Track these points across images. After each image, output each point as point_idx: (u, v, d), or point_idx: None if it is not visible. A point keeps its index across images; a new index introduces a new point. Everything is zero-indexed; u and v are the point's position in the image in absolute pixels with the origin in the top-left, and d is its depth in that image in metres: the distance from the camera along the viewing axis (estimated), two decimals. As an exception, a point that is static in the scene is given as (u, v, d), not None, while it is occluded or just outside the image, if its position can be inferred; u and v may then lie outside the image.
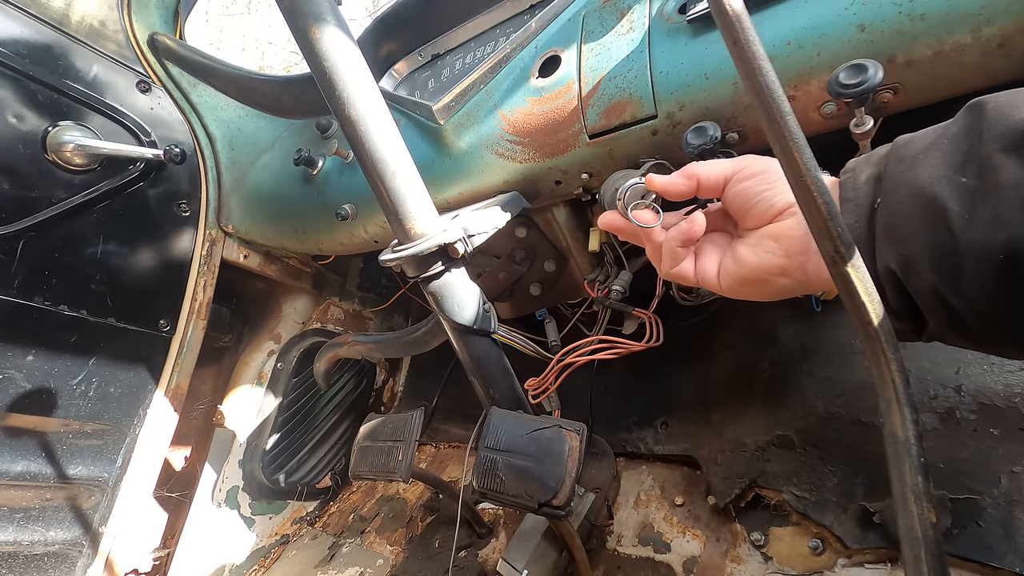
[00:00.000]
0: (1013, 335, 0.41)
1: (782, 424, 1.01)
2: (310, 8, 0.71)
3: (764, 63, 0.42)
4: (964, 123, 0.42)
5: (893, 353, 0.45)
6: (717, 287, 0.59)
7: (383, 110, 0.77)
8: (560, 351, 1.11)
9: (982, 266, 0.38)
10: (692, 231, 0.58)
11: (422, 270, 0.86)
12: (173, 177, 1.34)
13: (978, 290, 0.39)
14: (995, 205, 0.37)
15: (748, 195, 0.55)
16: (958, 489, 0.79)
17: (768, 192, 0.54)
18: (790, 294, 0.55)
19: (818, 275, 0.51)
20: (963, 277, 0.40)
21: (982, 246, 0.38)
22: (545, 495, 0.78)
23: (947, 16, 0.62)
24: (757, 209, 0.54)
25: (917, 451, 0.44)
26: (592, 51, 0.89)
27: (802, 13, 0.71)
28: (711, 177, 0.58)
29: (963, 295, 0.41)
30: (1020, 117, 0.38)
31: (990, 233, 0.38)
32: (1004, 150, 0.38)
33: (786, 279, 0.53)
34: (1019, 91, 0.41)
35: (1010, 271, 0.37)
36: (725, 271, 0.58)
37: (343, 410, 1.77)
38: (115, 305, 1.23)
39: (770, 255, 0.53)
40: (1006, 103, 0.40)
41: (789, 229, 0.52)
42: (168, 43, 1.31)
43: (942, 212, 0.41)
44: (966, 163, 0.40)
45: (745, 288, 0.57)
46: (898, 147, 0.47)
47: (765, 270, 0.54)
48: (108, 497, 1.25)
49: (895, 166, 0.46)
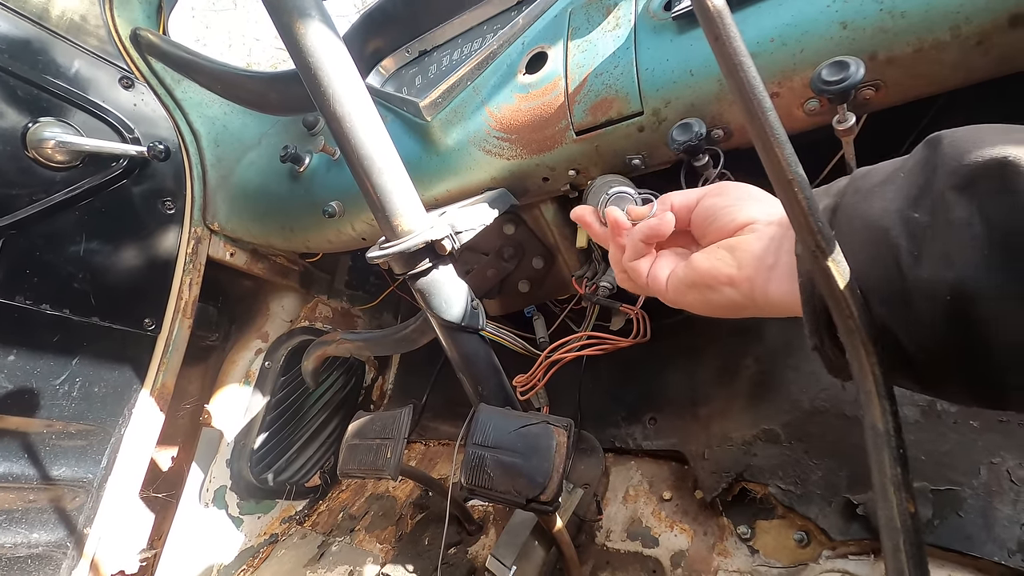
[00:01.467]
0: (959, 377, 0.40)
1: (768, 418, 1.02)
2: (294, 3, 0.71)
3: (745, 59, 0.42)
4: (921, 158, 0.42)
5: (873, 346, 0.45)
6: (663, 291, 0.59)
7: (369, 107, 0.76)
8: (548, 347, 1.11)
9: (929, 304, 0.37)
10: (660, 227, 0.59)
11: (409, 267, 0.85)
12: (157, 174, 1.32)
13: (926, 328, 0.38)
14: (944, 243, 0.37)
15: (713, 209, 0.55)
16: (939, 480, 0.80)
17: (732, 207, 0.54)
18: (735, 311, 0.54)
19: (764, 292, 0.50)
20: (911, 315, 0.39)
21: (930, 284, 0.37)
22: (533, 491, 0.78)
23: (927, 14, 0.63)
24: (719, 223, 0.54)
25: (896, 442, 0.44)
26: (579, 48, 0.89)
27: (785, 10, 0.71)
28: (684, 202, 0.59)
29: (911, 333, 0.40)
30: (974, 155, 0.37)
31: (938, 272, 0.37)
32: (955, 188, 0.37)
33: (732, 290, 0.52)
34: (977, 128, 0.40)
35: (957, 311, 0.36)
36: (675, 275, 0.57)
37: (332, 408, 1.76)
38: (99, 304, 1.22)
39: (721, 263, 0.53)
40: (963, 139, 0.39)
41: (746, 243, 0.52)
42: (151, 39, 1.29)
43: (892, 247, 0.40)
44: (920, 198, 0.39)
45: (691, 293, 0.56)
46: (856, 179, 0.47)
47: (713, 276, 0.53)
48: (93, 498, 1.24)
49: (851, 197, 0.45)
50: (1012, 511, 0.75)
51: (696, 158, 0.80)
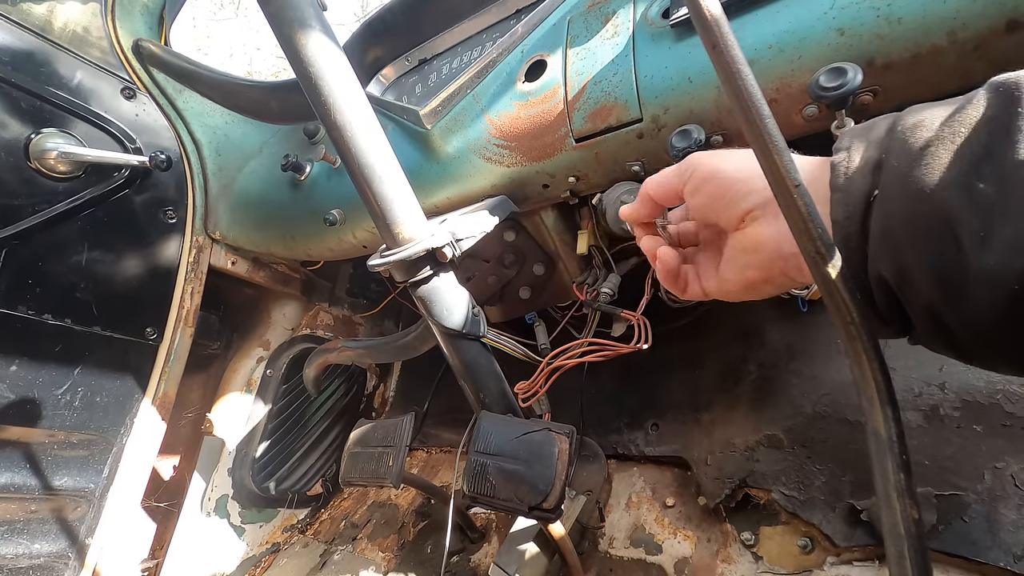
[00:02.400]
0: (1007, 356, 0.37)
1: (770, 424, 1.02)
2: (295, 15, 0.71)
3: (743, 67, 0.42)
4: (987, 110, 0.35)
5: (875, 352, 0.45)
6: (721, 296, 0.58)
7: (370, 115, 0.77)
8: (550, 354, 1.11)
9: (992, 293, 0.33)
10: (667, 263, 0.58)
11: (410, 275, 0.86)
12: (159, 184, 1.33)
13: (982, 314, 0.35)
14: (1017, 227, 0.31)
15: (707, 207, 0.53)
16: (943, 486, 0.80)
17: (723, 200, 0.51)
18: (786, 288, 0.54)
19: (800, 273, 0.49)
20: (967, 299, 0.35)
21: (995, 272, 0.33)
22: (535, 498, 0.78)
23: (924, 20, 0.63)
24: (724, 217, 0.52)
25: (899, 448, 0.44)
26: (577, 55, 0.90)
27: (783, 17, 0.72)
28: (662, 190, 0.57)
29: (963, 316, 0.36)
30: None
31: (1007, 259, 0.32)
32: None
33: (771, 286, 0.52)
34: None
35: (1021, 303, 0.32)
36: (718, 289, 0.56)
37: (333, 416, 1.76)
38: (101, 313, 1.22)
39: (748, 269, 0.51)
40: None
41: (759, 237, 0.49)
42: (153, 49, 1.30)
43: (951, 224, 0.35)
44: (984, 165, 0.34)
45: (739, 295, 0.55)
46: (904, 130, 0.40)
47: (750, 282, 0.52)
48: (94, 508, 1.23)
49: (899, 157, 0.39)
50: (1017, 516, 0.74)
51: (695, 164, 0.80)
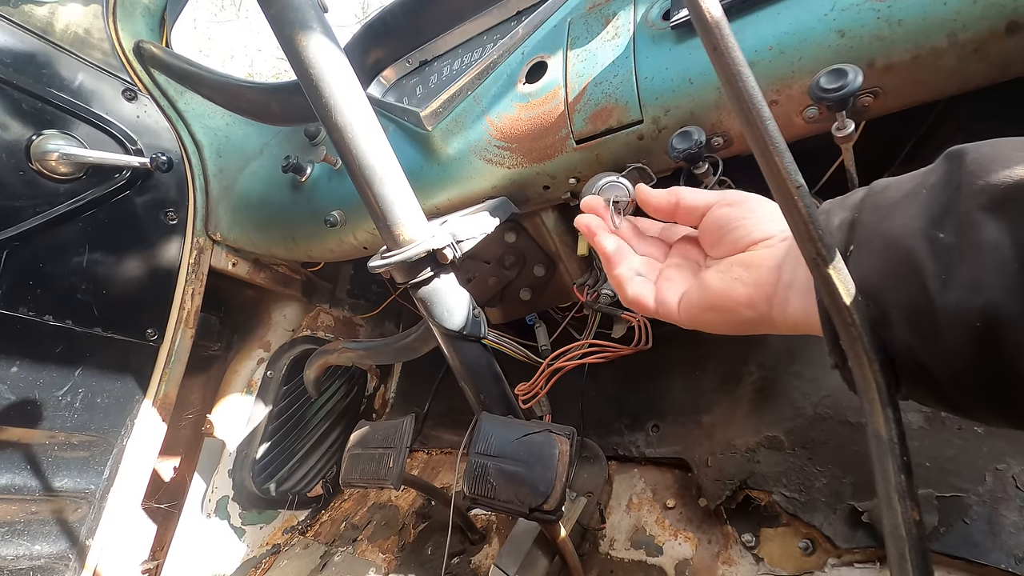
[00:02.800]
0: (988, 403, 0.39)
1: (771, 425, 1.02)
2: (296, 16, 0.72)
3: (743, 68, 0.42)
4: (943, 173, 0.40)
5: (876, 353, 0.45)
6: (676, 315, 0.57)
7: (370, 117, 0.77)
8: (550, 356, 1.11)
9: (958, 331, 0.36)
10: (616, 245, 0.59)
11: (411, 276, 0.86)
12: (160, 185, 1.33)
13: (953, 354, 0.37)
14: (973, 267, 0.35)
15: (727, 220, 0.54)
16: (944, 487, 0.80)
17: (748, 220, 0.52)
18: (752, 329, 0.53)
19: (782, 310, 0.49)
20: (939, 340, 0.38)
21: (958, 310, 0.36)
22: (536, 500, 0.78)
23: (924, 21, 0.63)
24: (733, 236, 0.53)
25: (900, 450, 0.44)
26: (578, 57, 0.90)
27: (783, 19, 0.72)
28: (694, 201, 0.57)
29: (939, 358, 0.38)
30: (1003, 175, 0.36)
31: (967, 297, 0.35)
32: (984, 208, 0.36)
33: (750, 311, 0.51)
34: (1000, 143, 0.39)
35: (986, 338, 0.35)
36: (688, 297, 0.55)
37: (334, 417, 1.76)
38: (101, 315, 1.22)
39: (738, 282, 0.51)
40: (988, 156, 0.37)
41: (761, 258, 0.50)
42: (154, 51, 1.30)
43: (918, 269, 0.38)
44: (944, 217, 0.38)
45: (707, 315, 0.54)
46: (874, 193, 0.45)
47: (731, 298, 0.51)
48: (95, 509, 1.23)
49: (870, 214, 0.44)
50: (1018, 518, 0.74)
51: (696, 166, 0.80)
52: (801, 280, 0.47)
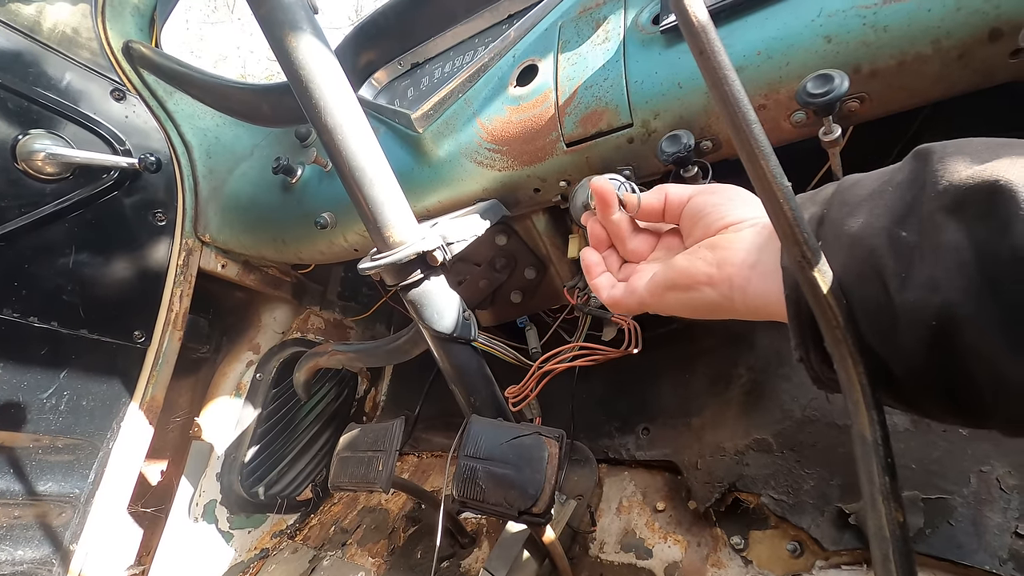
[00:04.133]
0: (940, 400, 0.39)
1: (760, 428, 1.03)
2: (287, 17, 0.71)
3: (730, 73, 0.42)
4: (909, 171, 0.40)
5: (860, 356, 0.45)
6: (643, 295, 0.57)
7: (361, 119, 0.77)
8: (540, 358, 1.11)
9: (914, 327, 0.37)
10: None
11: (401, 278, 0.85)
12: (148, 186, 1.32)
13: (911, 351, 0.38)
14: (932, 266, 0.36)
15: (702, 206, 0.54)
16: (930, 489, 0.80)
17: (722, 206, 0.53)
18: (714, 311, 0.53)
19: (743, 292, 0.49)
20: (897, 337, 0.38)
21: (915, 308, 0.36)
22: (525, 503, 0.77)
23: (909, 28, 0.64)
24: (706, 220, 0.53)
25: (884, 452, 0.44)
26: (569, 60, 0.90)
27: (771, 24, 0.72)
28: (679, 196, 0.57)
29: (896, 355, 0.39)
30: (965, 175, 0.36)
31: (925, 296, 0.36)
32: (945, 209, 0.36)
33: (712, 290, 0.51)
34: (966, 143, 0.39)
35: (942, 337, 0.36)
36: (654, 279, 0.56)
37: (324, 420, 1.75)
38: (88, 317, 1.20)
39: (701, 261, 0.52)
40: (952, 156, 0.38)
41: (727, 240, 0.51)
42: (143, 51, 1.29)
43: (879, 266, 0.39)
44: (907, 216, 0.38)
45: (669, 294, 0.55)
46: (843, 189, 0.45)
47: (692, 275, 0.52)
48: (80, 514, 1.22)
49: (837, 210, 0.44)
50: (1003, 519, 0.75)
51: (685, 169, 0.81)
52: (765, 263, 0.48)
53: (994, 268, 0.34)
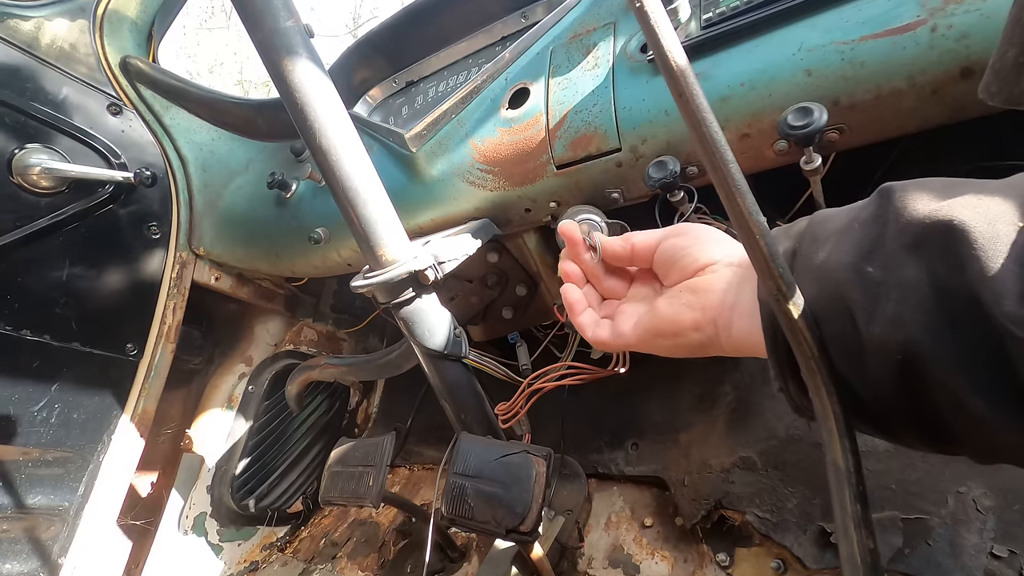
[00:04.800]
0: (911, 428, 0.41)
1: (745, 445, 1.04)
2: (283, 42, 0.73)
3: (707, 115, 0.44)
4: (874, 208, 0.42)
5: (834, 386, 0.47)
6: (631, 342, 0.58)
7: (355, 141, 0.78)
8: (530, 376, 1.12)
9: (882, 361, 0.38)
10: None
11: (393, 296, 0.87)
12: (143, 199, 1.33)
13: (879, 382, 0.39)
14: (897, 303, 0.37)
15: (675, 250, 0.56)
16: (909, 509, 0.82)
17: (694, 248, 0.55)
18: (702, 351, 0.55)
19: (728, 332, 0.51)
20: (866, 369, 0.40)
21: (881, 342, 0.38)
22: (513, 521, 0.79)
23: (885, 64, 0.66)
24: (681, 263, 0.55)
25: (856, 480, 0.46)
26: (559, 85, 0.92)
27: (754, 56, 0.75)
28: (645, 243, 0.59)
29: (866, 385, 0.41)
30: (923, 213, 0.37)
31: (890, 331, 0.37)
32: (905, 247, 0.38)
33: (698, 334, 0.53)
34: (927, 182, 0.41)
35: (907, 370, 0.37)
36: (639, 323, 0.57)
37: (316, 433, 1.75)
38: (80, 329, 1.21)
39: (685, 307, 0.53)
40: (914, 195, 0.39)
41: (707, 283, 0.52)
42: (141, 66, 1.31)
43: (846, 301, 0.40)
44: (873, 253, 0.40)
45: (658, 340, 0.56)
46: (814, 224, 0.47)
47: (678, 322, 0.53)
48: (69, 527, 1.22)
49: (808, 246, 0.46)
50: (979, 540, 0.77)
51: (672, 193, 0.83)
52: (744, 303, 0.49)
53: (951, 305, 0.35)
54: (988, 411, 0.34)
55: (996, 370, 0.33)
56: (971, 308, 0.34)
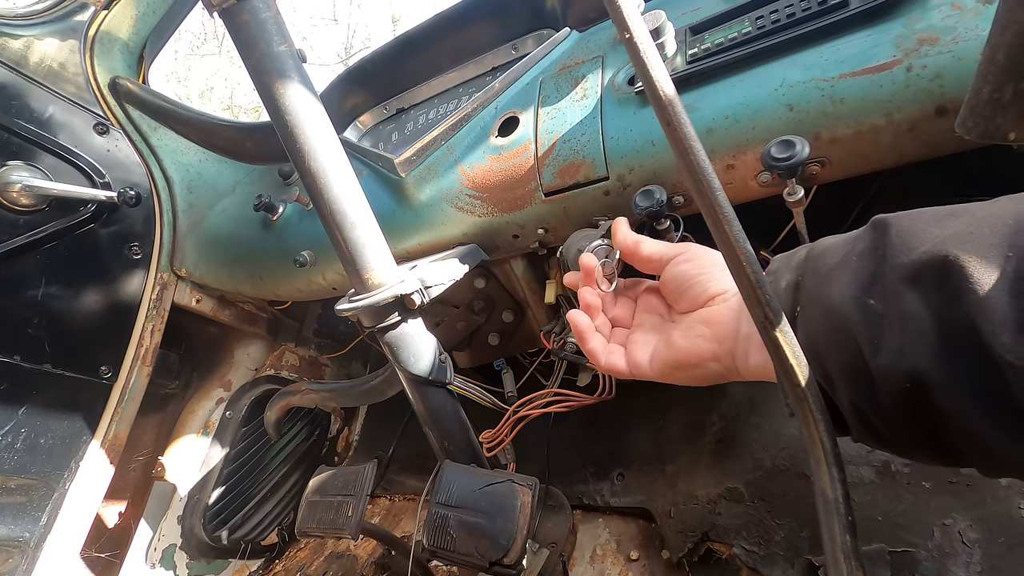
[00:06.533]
0: (924, 450, 0.43)
1: (732, 477, 1.03)
2: (275, 66, 0.73)
3: (695, 144, 0.45)
4: (870, 241, 0.44)
5: (821, 414, 0.47)
6: (648, 374, 0.60)
7: (344, 165, 0.78)
8: (516, 403, 1.11)
9: (891, 389, 0.40)
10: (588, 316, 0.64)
11: (378, 320, 0.86)
12: (126, 219, 1.31)
13: (891, 409, 0.41)
14: (900, 335, 0.39)
15: (684, 277, 0.58)
16: (896, 542, 0.81)
17: (703, 276, 0.56)
18: (720, 379, 0.56)
19: (745, 362, 0.52)
20: (876, 396, 0.41)
21: (888, 372, 0.39)
22: (496, 553, 0.76)
23: (863, 101, 0.68)
24: (692, 292, 0.56)
25: (845, 510, 0.46)
26: (548, 114, 0.94)
27: (739, 91, 0.77)
28: (651, 252, 0.62)
29: (878, 411, 0.42)
30: (920, 249, 0.39)
31: (895, 362, 0.39)
32: (904, 280, 0.39)
33: (716, 364, 0.54)
34: (920, 213, 0.42)
35: (915, 398, 0.39)
36: (657, 355, 0.59)
37: (294, 461, 1.70)
38: (52, 350, 1.17)
39: (701, 339, 0.55)
40: (908, 229, 0.41)
41: (720, 314, 0.54)
42: (130, 87, 1.31)
43: (852, 334, 0.42)
44: (872, 285, 0.42)
45: (677, 372, 0.58)
46: (813, 256, 0.49)
47: (697, 355, 0.55)
48: (28, 559, 1.15)
49: (811, 279, 0.47)
50: (965, 573, 0.76)
51: (659, 222, 0.83)
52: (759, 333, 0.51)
53: (951, 335, 0.36)
54: (991, 434, 0.35)
55: (997, 396, 0.34)
56: (970, 338, 0.35)
